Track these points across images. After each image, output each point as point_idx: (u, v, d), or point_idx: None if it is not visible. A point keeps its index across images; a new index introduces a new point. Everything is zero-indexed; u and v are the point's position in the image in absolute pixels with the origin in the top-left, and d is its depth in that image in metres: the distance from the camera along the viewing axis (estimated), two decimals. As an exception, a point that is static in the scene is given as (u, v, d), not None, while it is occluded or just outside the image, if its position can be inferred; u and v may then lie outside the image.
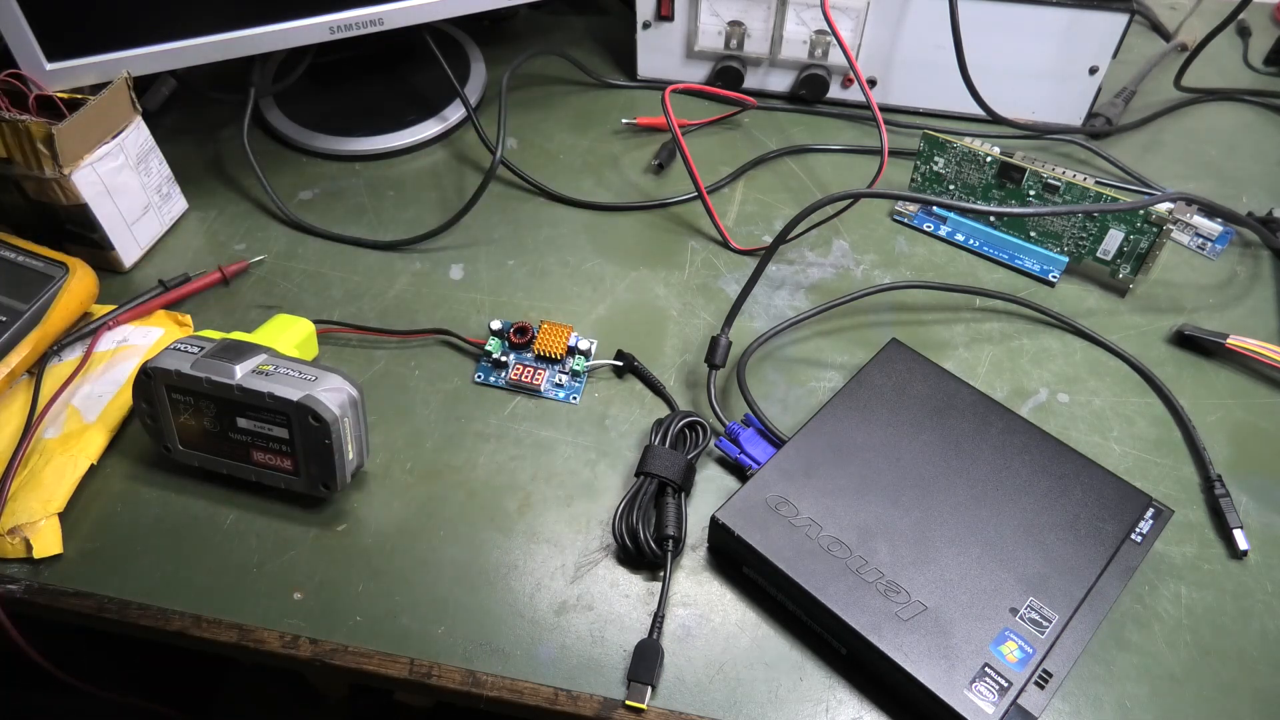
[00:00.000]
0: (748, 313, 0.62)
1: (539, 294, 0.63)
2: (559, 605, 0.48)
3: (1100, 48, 0.70)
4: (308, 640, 0.47)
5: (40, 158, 0.56)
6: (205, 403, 0.49)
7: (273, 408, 0.47)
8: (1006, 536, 0.46)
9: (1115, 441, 0.55)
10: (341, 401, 0.47)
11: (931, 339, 0.61)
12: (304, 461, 0.49)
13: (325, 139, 0.73)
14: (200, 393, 0.48)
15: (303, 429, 0.47)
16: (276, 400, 0.47)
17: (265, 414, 0.48)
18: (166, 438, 0.51)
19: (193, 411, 0.49)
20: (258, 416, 0.48)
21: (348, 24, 0.65)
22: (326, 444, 0.48)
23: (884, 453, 0.50)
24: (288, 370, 0.48)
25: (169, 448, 0.51)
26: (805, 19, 0.72)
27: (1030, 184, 0.64)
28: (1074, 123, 0.74)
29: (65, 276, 0.57)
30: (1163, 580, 0.49)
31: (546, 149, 0.74)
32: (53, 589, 0.49)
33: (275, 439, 0.48)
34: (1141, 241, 0.61)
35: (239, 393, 0.47)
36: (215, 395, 0.48)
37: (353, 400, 0.48)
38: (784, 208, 0.70)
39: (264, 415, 0.48)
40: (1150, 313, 0.63)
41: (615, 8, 0.88)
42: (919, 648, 0.43)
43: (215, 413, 0.49)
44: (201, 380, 0.47)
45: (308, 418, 0.47)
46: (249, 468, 0.50)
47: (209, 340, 0.50)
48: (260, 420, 0.48)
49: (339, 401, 0.47)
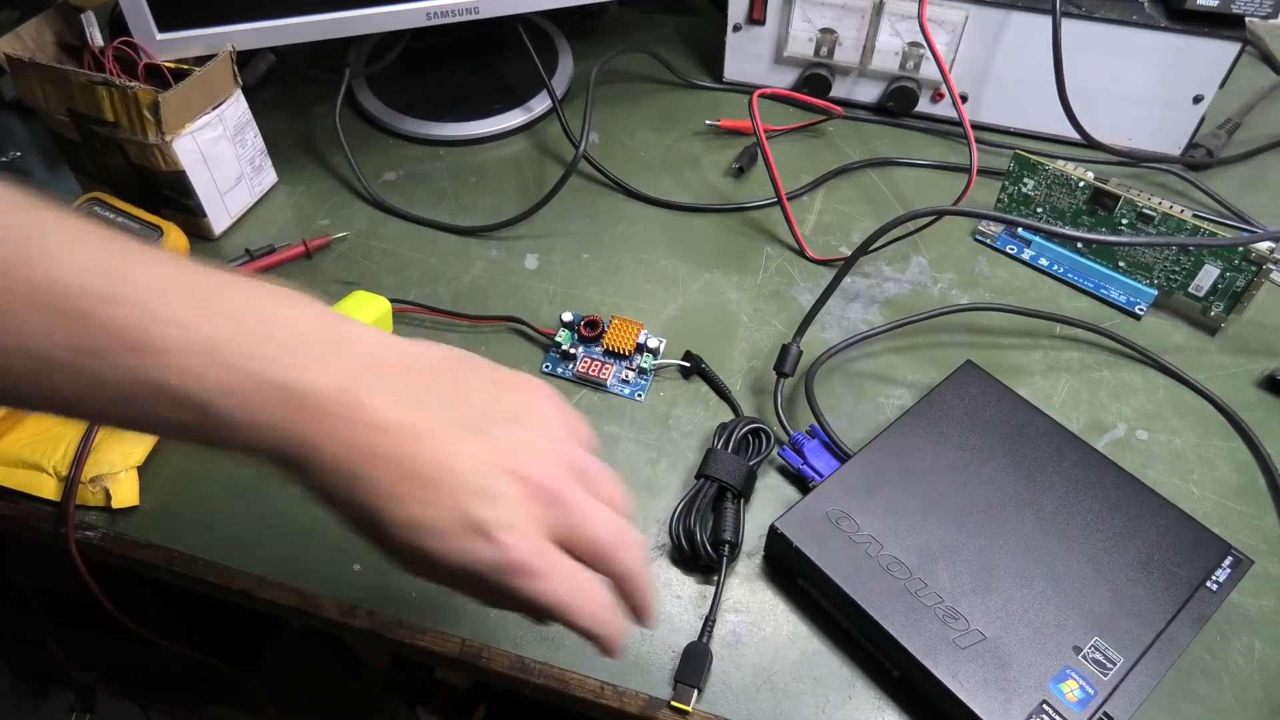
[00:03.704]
0: (820, 324, 0.61)
1: (611, 289, 0.64)
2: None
3: (1207, 76, 0.67)
4: (365, 612, 0.48)
5: (145, 123, 0.59)
6: None
7: None
8: (1074, 572, 0.45)
9: (1195, 484, 0.53)
10: None
11: (1007, 364, 0.59)
12: None
13: (413, 122, 0.75)
14: None
15: None
16: None
17: None
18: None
19: None
20: None
21: (444, 10, 0.66)
22: None
23: (951, 476, 0.49)
24: None
25: None
26: (900, 30, 0.71)
27: (1123, 212, 0.62)
28: (1172, 152, 0.72)
29: (160, 238, 0.59)
30: (1236, 632, 0.47)
31: (628, 146, 0.74)
32: (127, 539, 0.51)
33: None
34: (1238, 280, 0.58)
35: None
36: None
37: None
38: (863, 220, 0.69)
39: None
40: (1240, 354, 0.60)
41: (705, 8, 0.88)
42: (975, 677, 0.42)
43: None
44: None
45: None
46: None
47: None
48: None
49: None
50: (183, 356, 0.27)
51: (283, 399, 0.28)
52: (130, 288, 0.27)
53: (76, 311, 0.26)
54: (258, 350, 0.28)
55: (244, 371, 0.28)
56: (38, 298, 0.26)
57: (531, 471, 0.30)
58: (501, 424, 0.31)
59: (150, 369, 0.27)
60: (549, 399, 0.34)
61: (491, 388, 0.32)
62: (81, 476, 0.50)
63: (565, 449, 0.32)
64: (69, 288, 0.26)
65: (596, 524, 0.32)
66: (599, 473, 0.33)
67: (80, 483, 0.50)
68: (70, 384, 0.27)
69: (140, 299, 0.27)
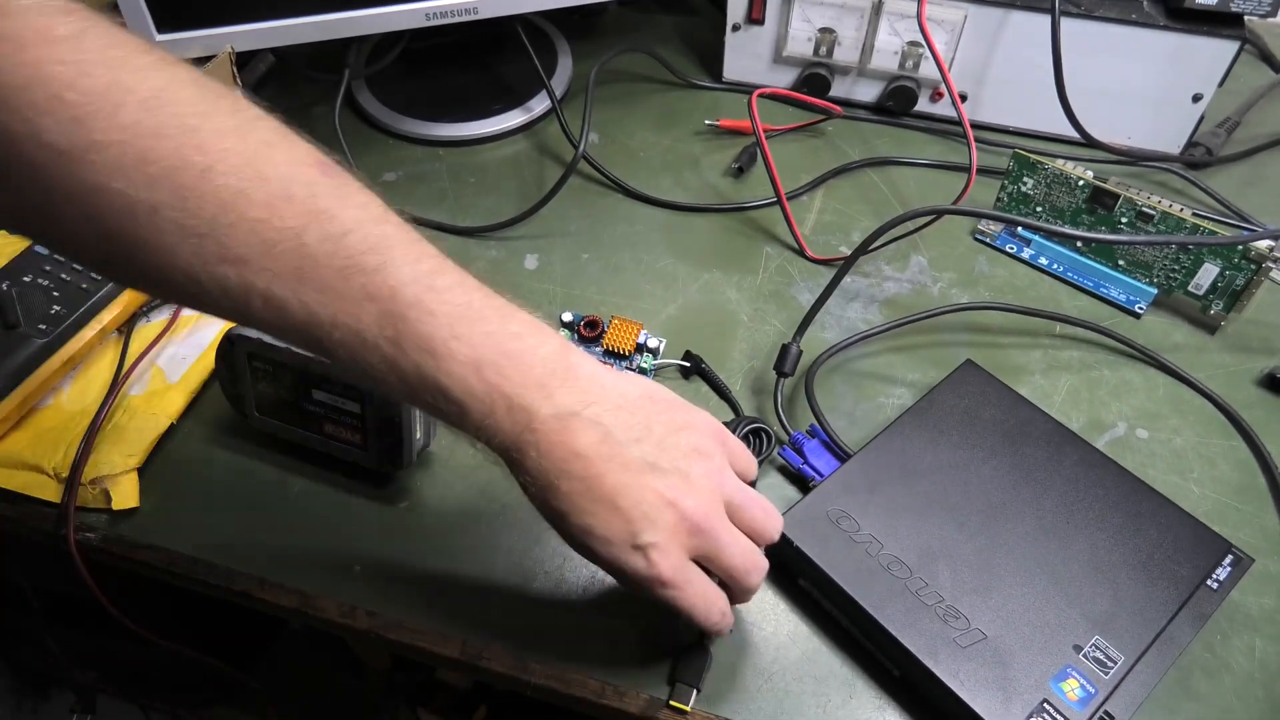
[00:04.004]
0: (819, 323, 0.61)
1: (611, 289, 0.64)
2: (612, 600, 0.48)
3: (1206, 75, 0.67)
4: (365, 612, 0.48)
5: (144, 125, 0.59)
6: (284, 372, 0.50)
7: (345, 382, 0.48)
8: (1075, 571, 0.45)
9: (1195, 483, 0.53)
10: None
11: (1007, 363, 0.59)
12: (373, 437, 0.50)
13: (412, 123, 0.75)
14: (280, 362, 0.49)
15: (374, 406, 0.48)
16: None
17: (340, 388, 0.49)
18: (245, 403, 0.52)
19: (271, 380, 0.50)
20: (332, 390, 0.49)
21: (443, 11, 0.66)
22: (396, 422, 0.49)
23: (952, 475, 0.49)
24: None
25: (246, 413, 0.53)
26: (899, 29, 0.71)
27: (1123, 211, 0.62)
28: (1172, 151, 0.72)
29: (159, 240, 0.59)
30: (1237, 631, 0.47)
31: (628, 146, 0.74)
32: (128, 540, 0.51)
33: (347, 413, 0.49)
34: (1237, 278, 0.58)
35: (317, 365, 0.48)
36: (294, 366, 0.49)
37: None
38: (863, 219, 0.69)
39: (338, 389, 0.49)
40: (1240, 353, 0.60)
41: (704, 8, 0.88)
42: (976, 676, 0.42)
43: (292, 383, 0.50)
44: (282, 350, 0.49)
45: (382, 395, 0.48)
46: (320, 438, 0.51)
47: None
48: (334, 394, 0.49)
49: None
50: (458, 366, 0.35)
51: (513, 413, 0.36)
52: (439, 305, 0.35)
53: (398, 313, 0.35)
54: (506, 372, 0.36)
55: (493, 386, 0.36)
56: (375, 297, 0.35)
57: (686, 506, 0.38)
58: (672, 462, 0.39)
59: (433, 368, 0.35)
60: (716, 440, 0.41)
61: (671, 430, 0.39)
62: (81, 478, 0.50)
63: (723, 484, 0.40)
64: (397, 295, 0.35)
65: (732, 553, 0.40)
66: (749, 505, 0.41)
67: (80, 484, 0.50)
68: (374, 361, 0.36)
69: (446, 316, 0.35)
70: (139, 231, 0.33)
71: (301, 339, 0.36)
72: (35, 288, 0.55)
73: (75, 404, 0.55)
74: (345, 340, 0.35)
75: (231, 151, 0.33)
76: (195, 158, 0.32)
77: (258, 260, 0.34)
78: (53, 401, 0.55)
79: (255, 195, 0.33)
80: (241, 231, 0.33)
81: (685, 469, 0.39)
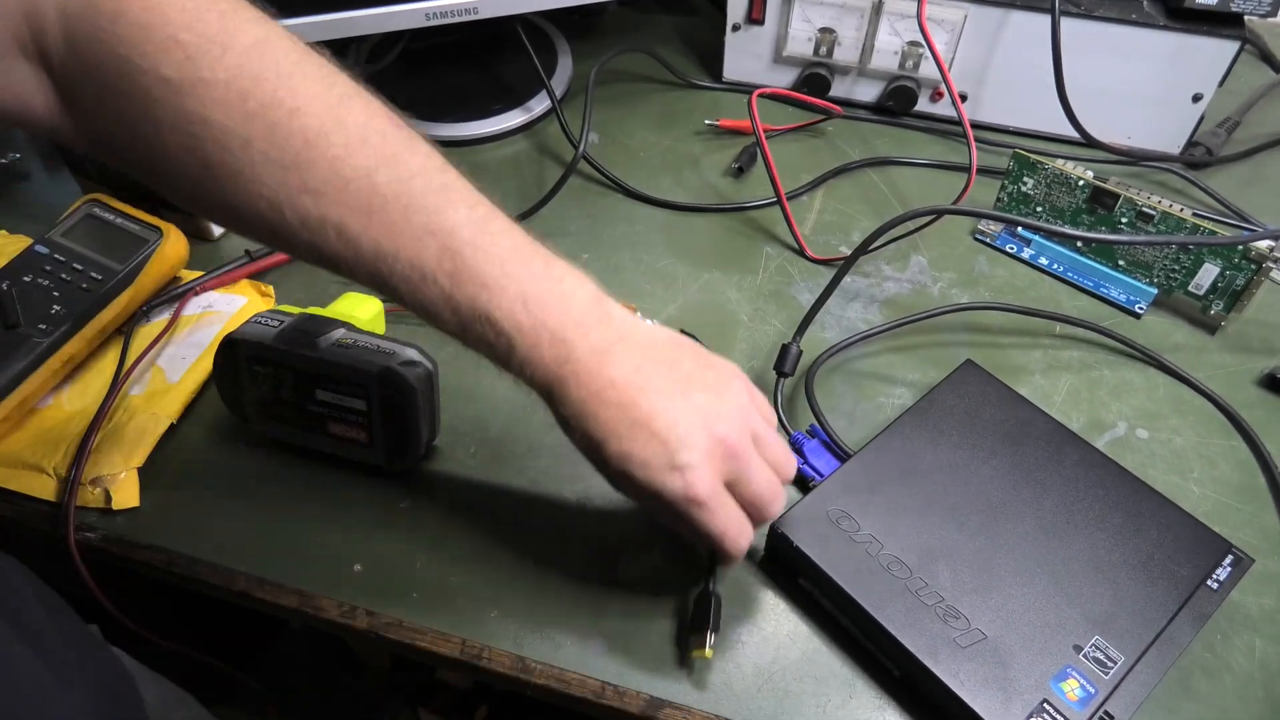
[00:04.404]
0: (819, 323, 0.61)
1: (611, 289, 0.61)
2: (611, 600, 0.48)
3: (1206, 75, 0.67)
4: (365, 612, 0.48)
5: (144, 124, 0.59)
6: (285, 374, 0.50)
7: (353, 379, 0.48)
8: (1075, 571, 0.45)
9: (1195, 483, 0.53)
10: (420, 374, 0.49)
11: (1007, 363, 0.59)
12: (380, 433, 0.50)
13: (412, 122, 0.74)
14: (282, 364, 0.49)
15: (382, 401, 0.48)
16: (358, 372, 0.48)
17: (345, 385, 0.49)
18: (245, 407, 0.52)
19: (272, 383, 0.50)
20: (337, 388, 0.49)
21: (443, 11, 0.66)
22: (404, 416, 0.49)
23: (952, 475, 0.49)
24: (368, 343, 0.49)
25: (246, 417, 0.53)
26: (899, 29, 0.71)
27: (1123, 211, 0.62)
28: (1172, 151, 0.72)
29: (159, 240, 0.59)
30: (1237, 631, 0.47)
31: (628, 146, 0.74)
32: (128, 540, 0.51)
33: (353, 410, 0.49)
34: (1238, 278, 0.58)
35: (320, 364, 0.48)
36: (296, 366, 0.49)
37: (429, 374, 0.49)
38: (863, 219, 0.69)
39: (343, 387, 0.49)
40: (1240, 353, 0.60)
41: (704, 8, 0.88)
42: (976, 676, 0.42)
43: (294, 384, 0.50)
44: (284, 351, 0.49)
45: (388, 390, 0.48)
46: (324, 439, 0.51)
47: (288, 314, 0.52)
48: (339, 392, 0.49)
49: (418, 374, 0.48)
50: (508, 300, 0.39)
51: (555, 346, 0.39)
52: (492, 246, 0.39)
53: (456, 250, 0.38)
54: (549, 309, 0.39)
55: (539, 321, 0.39)
56: (435, 233, 0.38)
57: (719, 430, 0.41)
58: (703, 390, 0.41)
59: (485, 302, 0.39)
60: (741, 380, 0.44)
61: (699, 366, 0.43)
62: (82, 478, 0.50)
63: (748, 418, 0.43)
64: (455, 234, 0.39)
65: (760, 479, 0.42)
66: (772, 440, 0.44)
67: (80, 484, 0.50)
68: (433, 295, 0.39)
69: (498, 255, 0.39)
70: (232, 161, 0.37)
71: (369, 272, 0.39)
72: (35, 288, 0.55)
73: (75, 404, 0.55)
74: (407, 275, 0.39)
75: (317, 98, 0.38)
76: (286, 99, 0.37)
77: (334, 194, 0.38)
78: (53, 401, 0.55)
79: (334, 137, 0.38)
80: (321, 167, 0.37)
81: (716, 397, 0.42)
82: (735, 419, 0.42)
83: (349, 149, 0.38)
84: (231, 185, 0.38)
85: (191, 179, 0.38)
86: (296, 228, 0.38)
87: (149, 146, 0.37)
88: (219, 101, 0.36)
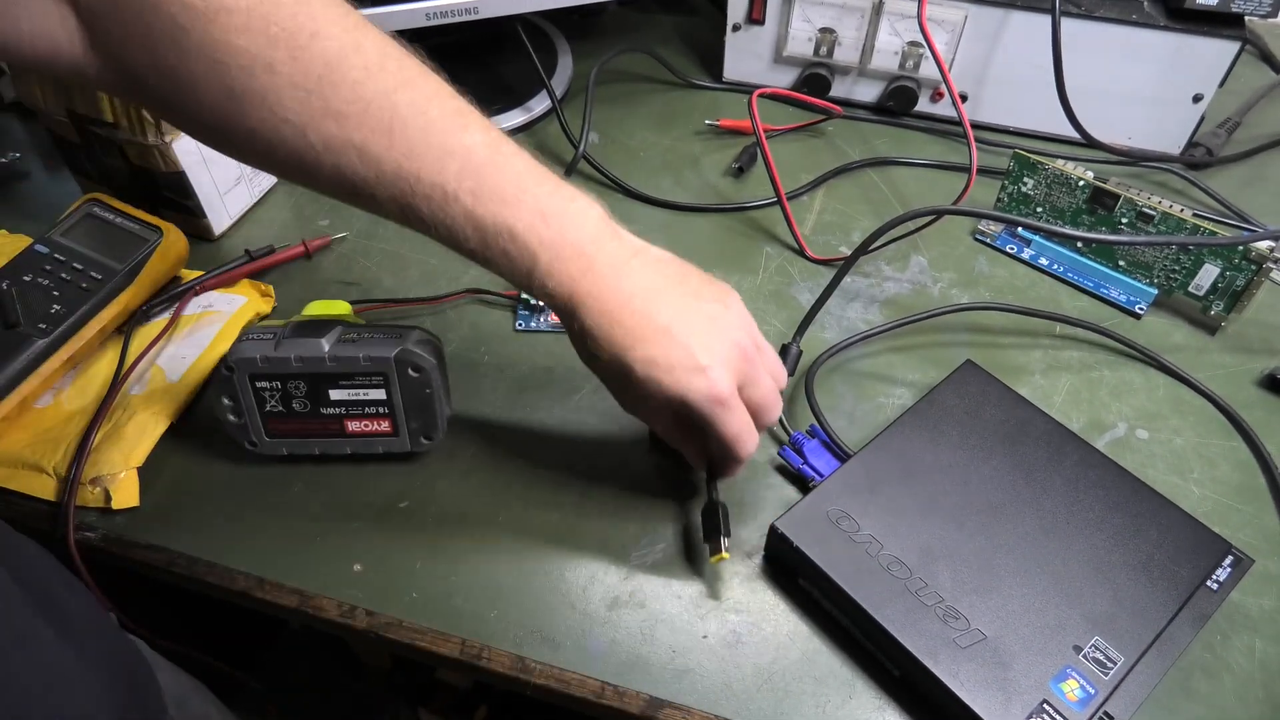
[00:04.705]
0: (819, 323, 0.61)
1: None
2: (611, 600, 0.48)
3: (1207, 75, 0.67)
4: (364, 612, 0.48)
5: (145, 124, 0.59)
6: (294, 383, 0.49)
7: (369, 370, 0.48)
8: (1075, 571, 0.45)
9: (1195, 484, 0.53)
10: (433, 349, 0.49)
11: (1007, 363, 0.59)
12: (404, 418, 0.50)
13: (412, 122, 0.74)
14: (288, 374, 0.48)
15: (403, 383, 0.49)
16: (373, 360, 0.48)
17: (360, 378, 0.48)
18: (252, 432, 0.51)
19: (280, 397, 0.49)
20: (352, 383, 0.49)
21: (444, 11, 0.66)
22: (428, 393, 0.49)
23: (952, 475, 0.49)
24: (371, 334, 0.49)
25: (254, 442, 0.51)
26: (899, 29, 0.71)
27: (1123, 211, 0.62)
28: (1172, 151, 0.72)
29: (159, 240, 0.59)
30: (1237, 631, 0.47)
31: (628, 146, 0.74)
32: (127, 540, 0.51)
33: (372, 402, 0.49)
34: (1238, 279, 0.58)
35: (331, 363, 0.48)
36: (305, 372, 0.48)
37: (439, 349, 0.50)
38: (863, 219, 0.69)
39: (359, 380, 0.49)
40: (1241, 353, 0.60)
41: (704, 8, 0.88)
42: (975, 677, 0.42)
43: (305, 391, 0.49)
44: (290, 359, 0.48)
45: (407, 370, 0.48)
46: (342, 440, 0.51)
47: (276, 326, 0.50)
48: (355, 386, 0.49)
49: (431, 350, 0.49)
50: (530, 215, 0.41)
51: (577, 259, 0.42)
52: (509, 165, 0.41)
53: (475, 168, 0.41)
54: (567, 224, 0.42)
55: (558, 234, 0.42)
56: (455, 154, 0.40)
57: (733, 334, 0.44)
58: (711, 300, 0.45)
59: (508, 216, 0.41)
60: (738, 296, 0.47)
61: (703, 282, 0.46)
62: (81, 477, 0.50)
63: (751, 327, 0.46)
64: (473, 153, 0.41)
65: (765, 383, 0.46)
66: (768, 351, 0.47)
67: (80, 483, 0.50)
68: (455, 212, 0.41)
69: (515, 173, 0.41)
70: (257, 87, 0.38)
71: (390, 194, 0.41)
72: (35, 287, 0.55)
73: (75, 404, 0.55)
74: (429, 194, 0.40)
75: (334, 22, 0.39)
76: (306, 24, 0.38)
77: (356, 116, 0.39)
78: (53, 401, 0.55)
79: (354, 59, 0.39)
80: (343, 89, 0.39)
81: (723, 308, 0.45)
82: (743, 326, 0.45)
83: (369, 72, 0.39)
84: (256, 111, 0.39)
85: (216, 108, 0.39)
86: (320, 151, 0.40)
87: (174, 78, 0.38)
88: (242, 28, 0.37)
